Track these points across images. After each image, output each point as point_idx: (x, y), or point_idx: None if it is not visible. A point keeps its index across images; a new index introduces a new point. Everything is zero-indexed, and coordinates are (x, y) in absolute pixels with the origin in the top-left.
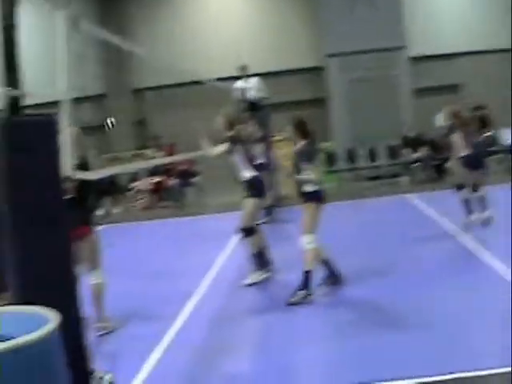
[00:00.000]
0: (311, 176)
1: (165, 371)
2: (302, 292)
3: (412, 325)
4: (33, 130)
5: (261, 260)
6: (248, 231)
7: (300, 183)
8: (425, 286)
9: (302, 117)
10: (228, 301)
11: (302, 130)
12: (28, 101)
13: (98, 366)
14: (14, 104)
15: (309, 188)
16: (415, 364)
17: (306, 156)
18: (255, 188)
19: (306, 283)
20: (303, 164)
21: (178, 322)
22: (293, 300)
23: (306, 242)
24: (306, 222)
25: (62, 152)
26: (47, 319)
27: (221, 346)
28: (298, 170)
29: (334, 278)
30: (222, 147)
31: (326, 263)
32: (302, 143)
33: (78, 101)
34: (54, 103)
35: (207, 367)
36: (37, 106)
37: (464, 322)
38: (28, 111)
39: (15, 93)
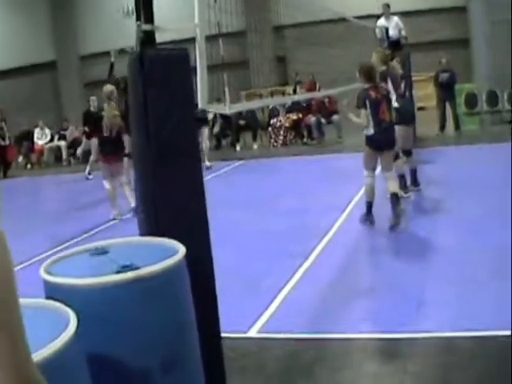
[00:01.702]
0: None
1: (292, 307)
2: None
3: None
4: (166, 65)
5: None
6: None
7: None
8: None
9: (370, 64)
10: (362, 239)
11: (367, 76)
12: (167, 36)
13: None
14: (147, 38)
15: (365, 132)
16: None
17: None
18: (405, 115)
19: (368, 210)
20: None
21: (311, 259)
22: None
23: (364, 175)
24: (363, 160)
25: (198, 86)
26: (174, 251)
27: (351, 286)
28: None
29: (368, 218)
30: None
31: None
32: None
33: (218, 37)
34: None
35: (335, 306)
36: (176, 42)
37: None
38: (165, 47)
39: (148, 27)
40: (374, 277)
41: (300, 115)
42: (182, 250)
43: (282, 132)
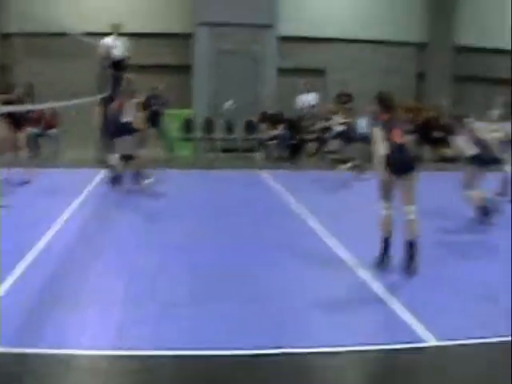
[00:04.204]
0: None
1: None
2: None
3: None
4: None
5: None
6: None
7: None
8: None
9: (387, 93)
10: (66, 256)
11: (384, 104)
12: None
13: None
14: None
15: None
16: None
17: None
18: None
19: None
20: None
21: (17, 273)
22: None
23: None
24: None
25: None
26: None
27: (58, 301)
28: None
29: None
30: None
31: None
32: None
33: None
34: None
35: (42, 319)
36: None
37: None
38: None
39: None
40: (79, 292)
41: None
42: None
43: None
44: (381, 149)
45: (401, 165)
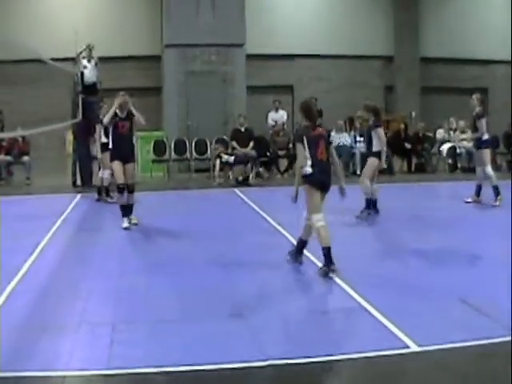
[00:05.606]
0: None
1: None
2: None
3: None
4: None
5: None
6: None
7: None
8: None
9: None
10: (50, 281)
11: (307, 113)
12: None
13: None
14: None
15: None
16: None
17: None
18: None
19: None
20: None
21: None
22: None
23: (314, 220)
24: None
25: None
26: None
27: (44, 324)
28: None
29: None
30: None
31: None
32: None
33: None
34: None
35: (29, 344)
36: None
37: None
38: None
39: None
40: (66, 315)
41: None
42: None
43: None
44: (306, 167)
45: (326, 182)
